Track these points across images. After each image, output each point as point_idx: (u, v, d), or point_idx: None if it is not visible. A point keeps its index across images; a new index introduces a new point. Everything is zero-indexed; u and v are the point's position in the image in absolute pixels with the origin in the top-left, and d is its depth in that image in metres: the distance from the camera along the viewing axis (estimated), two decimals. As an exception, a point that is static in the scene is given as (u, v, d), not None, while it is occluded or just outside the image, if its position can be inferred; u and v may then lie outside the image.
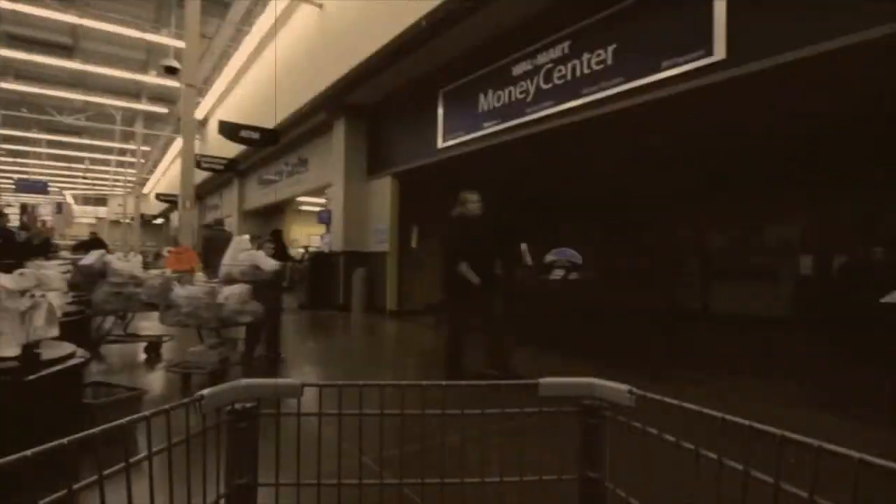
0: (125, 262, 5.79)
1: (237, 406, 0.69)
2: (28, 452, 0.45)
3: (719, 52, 4.90)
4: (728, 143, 8.17)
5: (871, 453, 0.43)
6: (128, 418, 0.56)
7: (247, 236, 5.60)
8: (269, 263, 5.20)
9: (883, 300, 4.78)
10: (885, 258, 7.33)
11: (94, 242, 13.08)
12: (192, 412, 0.61)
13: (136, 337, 6.12)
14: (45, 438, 0.47)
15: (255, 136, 12.26)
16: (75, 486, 0.47)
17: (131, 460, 0.54)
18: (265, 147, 13.81)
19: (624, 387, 0.66)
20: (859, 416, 3.89)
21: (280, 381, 0.73)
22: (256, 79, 14.80)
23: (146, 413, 0.58)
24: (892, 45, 4.02)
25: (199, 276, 5.38)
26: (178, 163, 13.62)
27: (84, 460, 0.52)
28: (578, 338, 6.32)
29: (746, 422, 0.48)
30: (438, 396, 0.80)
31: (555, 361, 5.61)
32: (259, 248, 5.51)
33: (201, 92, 16.80)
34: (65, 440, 0.48)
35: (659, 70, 5.43)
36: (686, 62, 5.19)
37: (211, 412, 0.65)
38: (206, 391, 0.64)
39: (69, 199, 35.59)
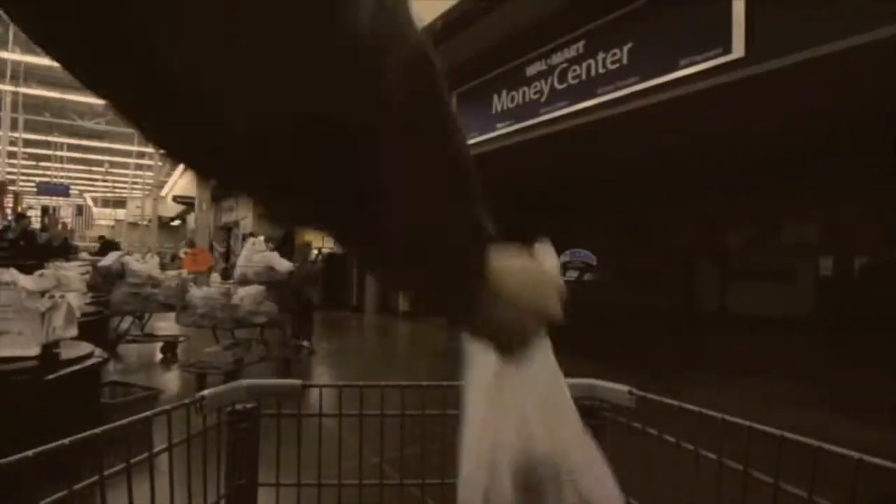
0: (143, 264, 5.87)
1: (238, 406, 0.70)
2: (30, 453, 0.46)
3: (738, 49, 4.84)
4: (746, 142, 8.06)
5: (874, 454, 0.42)
6: (128, 419, 0.56)
7: (262, 237, 5.66)
8: (284, 265, 5.25)
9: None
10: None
11: (108, 245, 13.50)
12: (193, 413, 0.62)
13: (153, 337, 6.21)
14: (62, 438, 0.48)
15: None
16: (76, 487, 0.48)
17: (132, 461, 0.55)
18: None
19: (624, 387, 0.65)
20: (864, 417, 3.82)
21: (281, 381, 0.74)
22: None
23: (147, 413, 0.59)
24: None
25: (215, 277, 5.47)
26: (196, 165, 13.77)
27: (86, 461, 0.53)
28: (588, 339, 6.29)
29: (746, 422, 0.48)
30: (439, 396, 0.81)
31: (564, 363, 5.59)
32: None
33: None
34: (66, 440, 0.49)
35: (676, 68, 5.38)
36: (704, 60, 5.13)
37: (212, 412, 0.66)
38: (206, 392, 0.65)
39: (89, 202, 36.23)
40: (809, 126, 7.15)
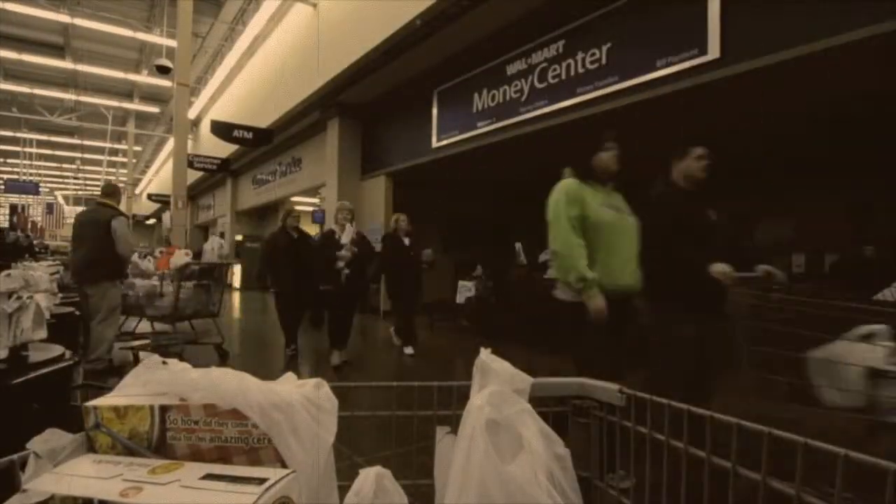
0: (116, 263, 5.74)
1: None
2: (15, 457, 0.45)
3: (713, 51, 4.93)
4: (722, 142, 8.19)
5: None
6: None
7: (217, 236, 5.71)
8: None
9: (874, 298, 4.80)
10: (876, 256, 7.40)
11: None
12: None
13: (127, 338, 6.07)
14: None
15: (248, 135, 12.21)
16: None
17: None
18: (258, 147, 13.77)
19: (614, 386, 0.66)
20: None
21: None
22: (250, 78, 14.75)
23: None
24: (884, 44, 4.05)
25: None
26: (171, 163, 13.52)
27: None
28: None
29: (734, 420, 0.49)
30: (429, 397, 0.80)
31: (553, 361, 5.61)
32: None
33: (194, 91, 16.72)
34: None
35: (653, 69, 5.45)
36: (680, 61, 5.21)
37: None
38: (193, 393, 0.64)
39: (60, 200, 35.37)
40: (783, 127, 7.30)
